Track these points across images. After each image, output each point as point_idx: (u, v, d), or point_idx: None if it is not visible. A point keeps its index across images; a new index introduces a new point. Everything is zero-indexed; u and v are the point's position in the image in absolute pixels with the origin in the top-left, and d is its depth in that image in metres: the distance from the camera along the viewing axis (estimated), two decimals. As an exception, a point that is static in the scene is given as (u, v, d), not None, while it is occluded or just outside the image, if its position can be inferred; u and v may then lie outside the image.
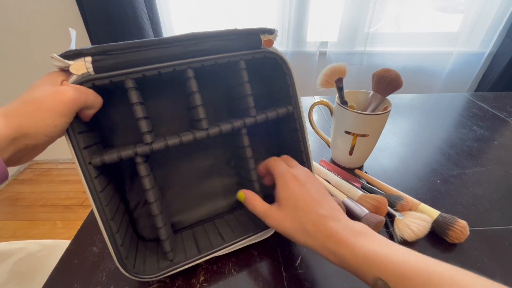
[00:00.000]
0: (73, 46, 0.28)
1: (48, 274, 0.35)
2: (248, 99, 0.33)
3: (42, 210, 1.41)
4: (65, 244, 0.61)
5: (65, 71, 0.26)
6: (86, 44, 1.27)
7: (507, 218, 0.42)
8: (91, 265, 0.36)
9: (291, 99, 0.36)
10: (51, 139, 0.25)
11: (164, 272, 0.31)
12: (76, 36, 0.28)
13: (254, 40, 0.31)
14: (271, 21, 1.27)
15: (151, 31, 1.15)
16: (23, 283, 0.53)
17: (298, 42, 1.28)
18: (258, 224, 0.37)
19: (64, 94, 0.24)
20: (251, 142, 0.35)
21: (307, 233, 0.27)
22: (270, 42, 0.32)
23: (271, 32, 0.32)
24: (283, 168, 0.33)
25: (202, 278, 0.35)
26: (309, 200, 0.29)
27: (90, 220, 0.42)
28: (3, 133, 0.21)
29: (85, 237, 0.40)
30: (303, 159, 0.38)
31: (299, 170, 0.33)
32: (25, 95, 0.24)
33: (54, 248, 0.61)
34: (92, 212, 0.44)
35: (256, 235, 0.36)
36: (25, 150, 0.24)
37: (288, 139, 0.40)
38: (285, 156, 0.37)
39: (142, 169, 0.29)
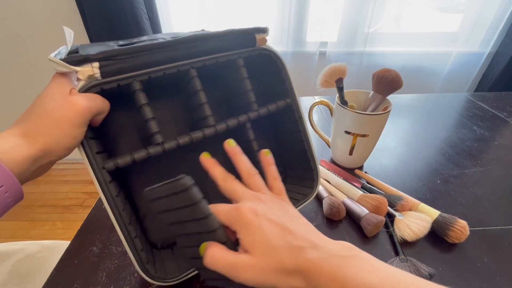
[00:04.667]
0: (70, 46, 0.28)
1: (48, 275, 0.35)
2: (249, 94, 0.35)
3: (41, 210, 1.41)
4: (64, 244, 0.61)
5: (69, 74, 0.26)
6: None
7: (507, 218, 0.42)
8: (91, 265, 0.36)
9: (288, 92, 0.37)
10: (70, 151, 0.25)
11: (186, 273, 0.31)
12: (73, 36, 0.28)
13: (249, 39, 0.33)
14: (271, 21, 1.27)
15: (151, 31, 1.15)
16: (22, 284, 0.53)
17: (298, 42, 1.28)
18: None
19: (77, 104, 0.24)
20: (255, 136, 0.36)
21: (289, 273, 0.22)
22: (264, 40, 0.34)
23: (264, 31, 0.34)
24: (235, 206, 0.25)
25: (202, 278, 0.34)
26: (279, 232, 0.23)
27: (90, 220, 0.42)
28: (29, 154, 0.22)
29: (85, 237, 0.40)
30: (305, 148, 0.39)
31: (255, 198, 0.26)
32: (37, 108, 0.24)
33: (54, 248, 0.61)
34: (92, 212, 0.44)
35: None
36: (45, 166, 0.24)
37: (288, 131, 0.41)
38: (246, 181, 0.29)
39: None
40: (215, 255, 0.23)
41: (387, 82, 0.46)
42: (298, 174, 0.43)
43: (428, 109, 0.77)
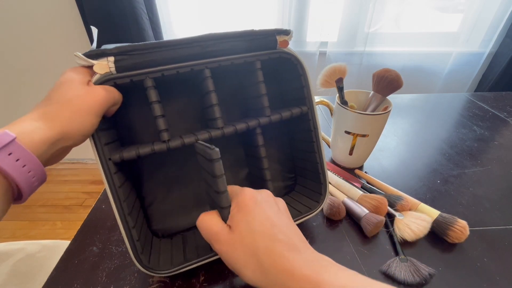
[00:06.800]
0: (94, 44, 0.29)
1: (48, 275, 0.35)
2: (263, 99, 0.34)
3: (41, 210, 1.41)
4: (65, 244, 0.61)
5: (87, 67, 0.27)
6: (86, 44, 1.27)
7: (507, 218, 0.42)
8: (91, 265, 0.36)
9: (305, 100, 0.36)
10: (85, 138, 0.26)
11: (177, 268, 0.31)
12: (96, 33, 0.30)
13: (270, 40, 0.32)
14: (271, 21, 1.27)
15: (151, 32, 1.15)
16: (22, 284, 0.53)
17: (298, 42, 1.28)
18: None
19: (98, 95, 0.25)
20: (264, 142, 0.35)
21: (260, 265, 0.22)
22: (286, 43, 0.33)
23: (286, 33, 0.32)
24: (242, 188, 0.28)
25: (202, 278, 0.35)
26: (266, 222, 0.24)
27: (90, 220, 0.42)
28: (47, 136, 0.22)
29: (85, 237, 0.40)
30: (316, 160, 0.38)
31: (259, 191, 0.28)
32: (57, 94, 0.24)
33: (54, 248, 0.61)
34: (92, 212, 0.44)
35: None
36: (62, 151, 0.25)
37: (300, 139, 0.40)
38: None
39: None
40: (205, 220, 0.27)
41: (387, 82, 0.46)
42: (306, 185, 0.42)
43: (428, 109, 0.77)
